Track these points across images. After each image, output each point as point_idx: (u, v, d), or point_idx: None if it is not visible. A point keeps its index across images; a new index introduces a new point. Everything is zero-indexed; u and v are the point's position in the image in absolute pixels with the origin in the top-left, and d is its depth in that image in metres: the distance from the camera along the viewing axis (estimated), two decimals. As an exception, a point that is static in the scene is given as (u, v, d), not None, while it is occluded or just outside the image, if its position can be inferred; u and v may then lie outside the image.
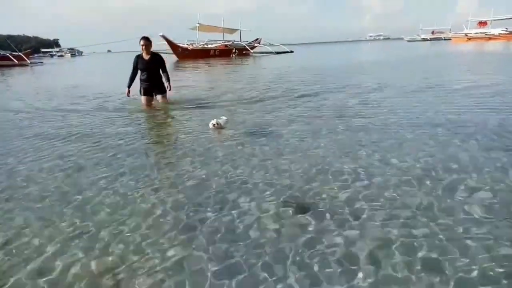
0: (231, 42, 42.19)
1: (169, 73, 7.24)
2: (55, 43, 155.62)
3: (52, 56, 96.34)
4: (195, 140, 4.67)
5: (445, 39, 76.41)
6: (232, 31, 46.05)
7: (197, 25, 41.25)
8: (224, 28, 44.44)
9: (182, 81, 12.75)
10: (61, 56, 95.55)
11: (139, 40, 6.96)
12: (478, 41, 52.28)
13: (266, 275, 1.94)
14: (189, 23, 44.88)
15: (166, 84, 7.17)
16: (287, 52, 41.96)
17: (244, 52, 40.83)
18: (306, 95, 8.12)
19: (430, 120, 5.19)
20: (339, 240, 2.22)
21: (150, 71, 7.08)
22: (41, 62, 44.30)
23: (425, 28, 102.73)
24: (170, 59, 35.25)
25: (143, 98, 7.30)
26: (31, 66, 35.21)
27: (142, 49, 6.97)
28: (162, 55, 7.30)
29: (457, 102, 6.57)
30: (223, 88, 10.36)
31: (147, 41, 6.98)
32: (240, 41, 44.29)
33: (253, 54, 41.52)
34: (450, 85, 8.67)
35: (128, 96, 7.22)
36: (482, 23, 63.91)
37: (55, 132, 5.50)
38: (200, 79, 15.14)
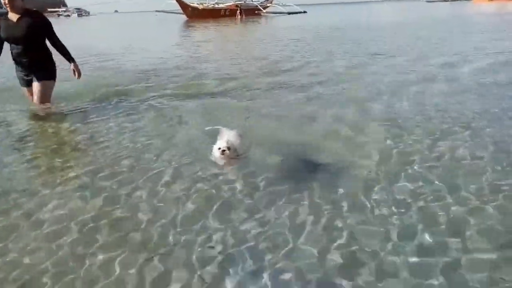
0: (242, 2, 40.59)
1: (63, 43, 4.28)
2: (61, 3, 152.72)
3: (59, 15, 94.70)
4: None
5: (466, 0, 72.84)
6: (243, -11, 44.15)
7: (207, -18, 39.58)
8: (235, -14, 42.60)
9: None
10: (68, 16, 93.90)
11: None
12: (500, 1, 49.48)
13: None
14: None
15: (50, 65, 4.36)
16: (300, 12, 40.53)
17: (256, 12, 39.34)
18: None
19: None
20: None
21: (24, 40, 4.09)
22: (48, 22, 43.26)
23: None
24: (177, 18, 34.13)
25: (25, 91, 4.53)
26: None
27: (5, 5, 4.05)
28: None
29: None
30: (222, 64, 7.70)
31: None
32: (252, 0, 42.61)
33: (265, 14, 40.05)
34: None
35: None
36: (506, -18, 60.28)
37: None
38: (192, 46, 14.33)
